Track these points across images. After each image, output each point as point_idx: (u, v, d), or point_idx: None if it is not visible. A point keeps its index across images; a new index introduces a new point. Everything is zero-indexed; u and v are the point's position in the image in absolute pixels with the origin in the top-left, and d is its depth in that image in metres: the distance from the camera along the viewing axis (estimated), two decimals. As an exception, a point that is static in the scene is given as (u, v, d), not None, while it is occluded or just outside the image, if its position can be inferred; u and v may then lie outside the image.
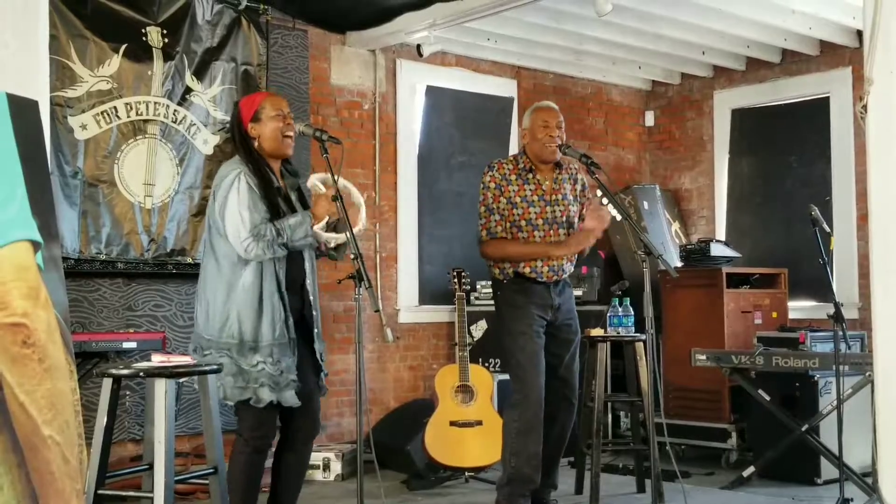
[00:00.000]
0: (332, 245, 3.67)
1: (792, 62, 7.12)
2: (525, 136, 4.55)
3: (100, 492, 3.24)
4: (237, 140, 3.71)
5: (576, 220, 4.52)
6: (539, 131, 4.44)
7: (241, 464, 3.58)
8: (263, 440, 3.61)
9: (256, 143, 3.67)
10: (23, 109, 2.44)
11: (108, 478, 3.34)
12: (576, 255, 4.54)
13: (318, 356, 3.74)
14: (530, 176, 4.46)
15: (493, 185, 4.42)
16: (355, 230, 3.59)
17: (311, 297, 3.72)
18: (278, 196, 3.64)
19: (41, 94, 2.82)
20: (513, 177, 4.45)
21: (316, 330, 3.73)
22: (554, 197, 4.47)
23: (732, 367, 5.53)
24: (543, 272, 4.40)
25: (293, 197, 3.75)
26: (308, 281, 3.72)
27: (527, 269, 4.39)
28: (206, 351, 3.56)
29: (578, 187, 4.58)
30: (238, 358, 3.52)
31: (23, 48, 2.81)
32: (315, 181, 3.66)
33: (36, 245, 2.42)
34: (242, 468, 3.58)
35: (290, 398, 3.55)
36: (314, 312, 3.72)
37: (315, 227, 3.54)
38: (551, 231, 4.46)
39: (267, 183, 3.60)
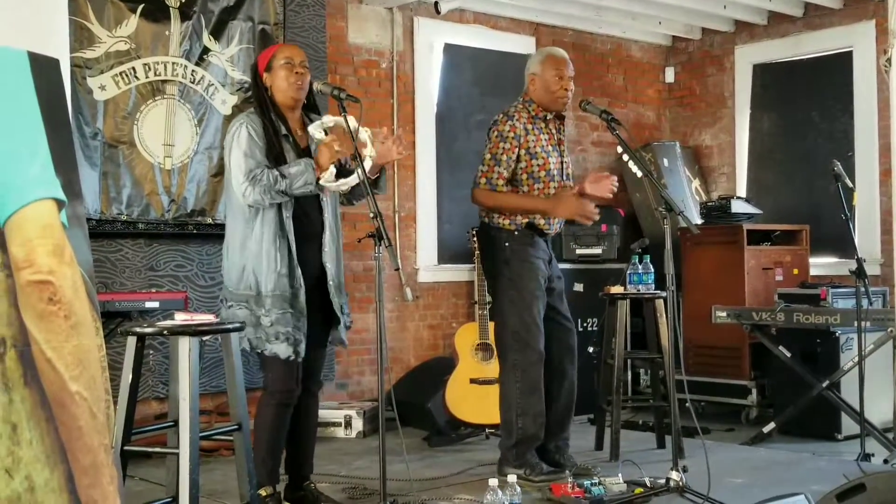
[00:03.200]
0: (346, 189, 3.63)
1: (814, 16, 7.03)
2: (533, 81, 4.37)
3: (126, 448, 3.30)
4: (253, 91, 3.81)
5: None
6: (554, 83, 4.32)
7: (267, 417, 3.65)
8: (288, 394, 3.66)
9: (269, 93, 3.73)
10: (44, 68, 2.44)
11: (134, 434, 3.39)
12: None
13: (337, 308, 3.75)
14: (543, 125, 4.38)
15: (512, 135, 4.26)
16: (366, 161, 3.57)
17: (327, 248, 3.73)
18: (287, 143, 3.65)
19: (61, 53, 2.83)
20: (529, 125, 4.32)
21: (331, 282, 3.73)
22: (561, 147, 4.45)
23: (753, 324, 5.53)
24: (554, 226, 4.37)
25: (312, 146, 3.75)
26: (327, 233, 3.73)
27: (542, 221, 4.31)
28: (229, 303, 3.65)
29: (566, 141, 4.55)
30: (256, 308, 3.59)
31: (42, 7, 2.81)
32: (312, 130, 3.64)
33: (60, 203, 2.44)
34: (268, 421, 3.64)
35: (284, 350, 3.59)
36: (328, 265, 3.73)
37: (324, 181, 3.53)
38: (564, 181, 4.41)
39: (273, 130, 3.62)
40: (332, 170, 3.54)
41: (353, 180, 3.56)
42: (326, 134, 3.62)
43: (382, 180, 3.83)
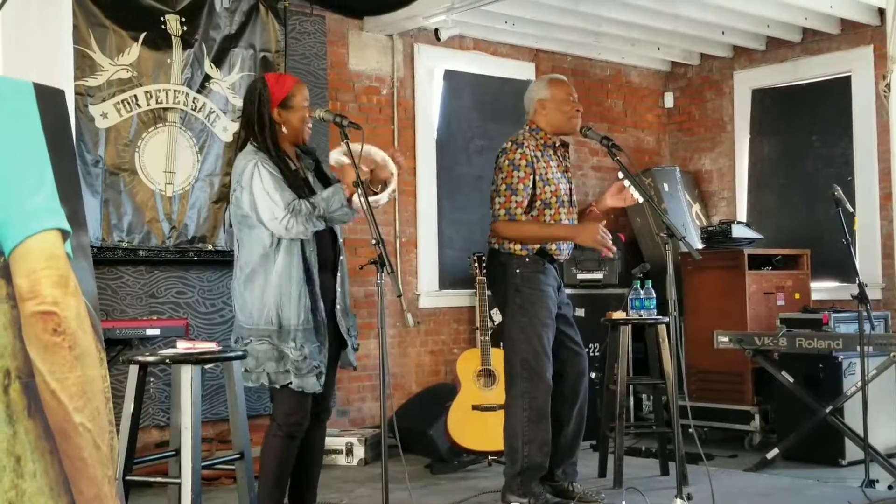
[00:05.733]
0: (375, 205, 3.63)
1: (812, 41, 7.06)
2: (544, 107, 4.38)
3: (128, 478, 3.28)
4: (255, 119, 3.62)
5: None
6: (565, 104, 4.36)
7: (274, 448, 3.56)
8: (297, 426, 3.59)
9: (278, 128, 3.64)
10: (49, 98, 2.45)
11: (136, 464, 3.37)
12: None
13: (344, 331, 3.73)
14: (551, 152, 4.41)
15: (524, 162, 4.27)
16: (389, 190, 3.61)
17: (341, 275, 3.72)
18: (296, 178, 3.64)
19: (66, 83, 2.84)
20: (538, 153, 4.34)
21: (339, 306, 3.70)
22: (568, 174, 4.49)
23: (755, 349, 5.51)
24: (564, 251, 4.40)
25: (310, 177, 3.75)
26: (340, 258, 3.73)
27: (552, 246, 4.33)
28: (246, 340, 3.54)
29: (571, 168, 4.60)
30: (279, 343, 3.51)
31: (48, 37, 2.82)
32: (337, 156, 3.66)
33: (65, 234, 2.44)
34: (275, 453, 3.56)
35: (312, 385, 3.53)
36: (338, 289, 3.70)
37: (354, 196, 3.53)
38: (572, 208, 4.45)
39: (284, 168, 3.60)
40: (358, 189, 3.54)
41: (382, 198, 3.58)
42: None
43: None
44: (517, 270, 4.31)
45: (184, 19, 5.40)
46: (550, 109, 4.38)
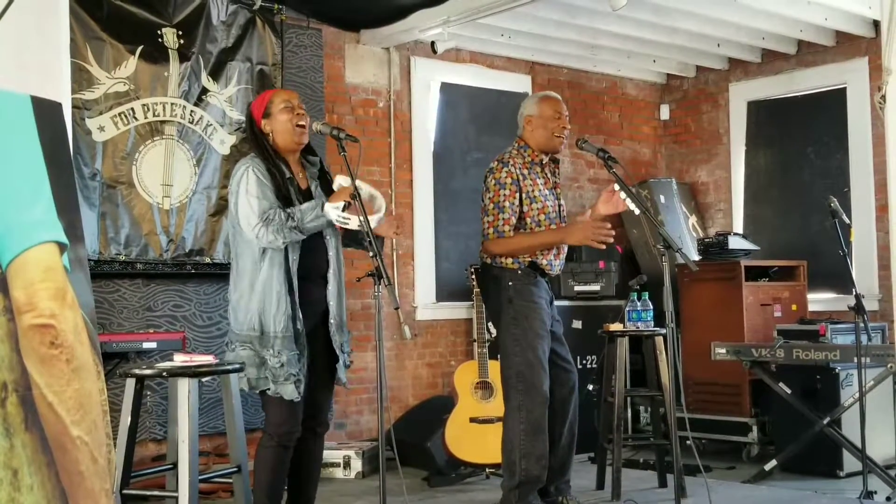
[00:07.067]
0: (346, 224, 3.61)
1: (808, 53, 7.09)
2: (530, 123, 4.41)
3: (125, 491, 3.27)
4: (251, 139, 3.78)
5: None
6: (551, 121, 4.37)
7: (266, 458, 3.58)
8: (289, 435, 3.60)
9: (271, 139, 3.73)
10: (47, 111, 2.45)
11: (133, 477, 3.37)
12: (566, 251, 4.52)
13: (337, 347, 3.74)
14: (538, 169, 4.42)
15: (509, 180, 4.30)
16: (376, 217, 3.61)
17: (331, 288, 3.72)
18: (290, 186, 3.66)
19: (63, 96, 2.84)
20: (525, 171, 4.35)
21: (332, 321, 3.72)
22: (556, 191, 4.50)
23: (752, 361, 5.51)
24: (555, 266, 4.40)
25: (313, 186, 3.77)
26: (331, 271, 3.73)
27: (544, 262, 4.34)
28: (234, 345, 3.60)
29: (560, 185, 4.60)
30: (260, 349, 3.55)
31: (45, 50, 2.83)
32: (340, 182, 3.67)
33: (62, 246, 2.44)
34: (268, 462, 3.57)
35: (290, 392, 3.54)
36: (331, 302, 3.72)
37: (329, 207, 3.53)
38: (562, 224, 4.45)
39: (278, 174, 3.63)
40: (341, 203, 3.55)
41: (352, 223, 3.56)
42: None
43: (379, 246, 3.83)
44: (510, 283, 4.32)
45: (181, 32, 5.41)
46: (536, 126, 4.40)
